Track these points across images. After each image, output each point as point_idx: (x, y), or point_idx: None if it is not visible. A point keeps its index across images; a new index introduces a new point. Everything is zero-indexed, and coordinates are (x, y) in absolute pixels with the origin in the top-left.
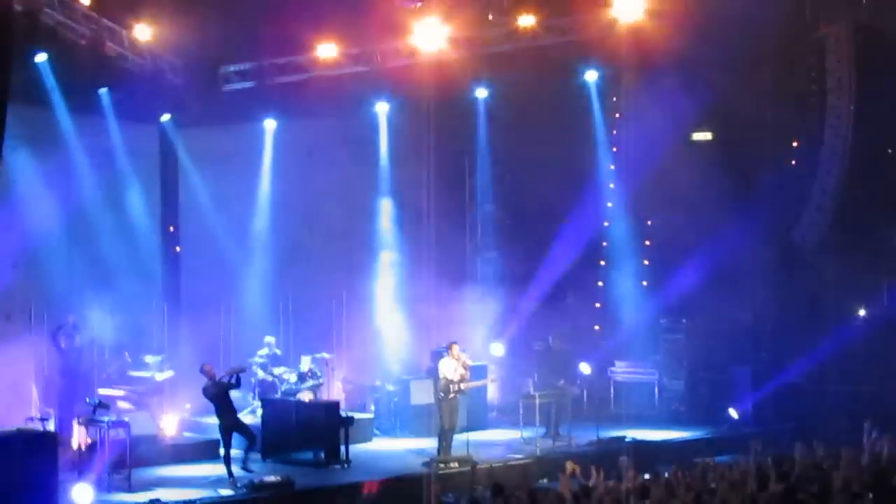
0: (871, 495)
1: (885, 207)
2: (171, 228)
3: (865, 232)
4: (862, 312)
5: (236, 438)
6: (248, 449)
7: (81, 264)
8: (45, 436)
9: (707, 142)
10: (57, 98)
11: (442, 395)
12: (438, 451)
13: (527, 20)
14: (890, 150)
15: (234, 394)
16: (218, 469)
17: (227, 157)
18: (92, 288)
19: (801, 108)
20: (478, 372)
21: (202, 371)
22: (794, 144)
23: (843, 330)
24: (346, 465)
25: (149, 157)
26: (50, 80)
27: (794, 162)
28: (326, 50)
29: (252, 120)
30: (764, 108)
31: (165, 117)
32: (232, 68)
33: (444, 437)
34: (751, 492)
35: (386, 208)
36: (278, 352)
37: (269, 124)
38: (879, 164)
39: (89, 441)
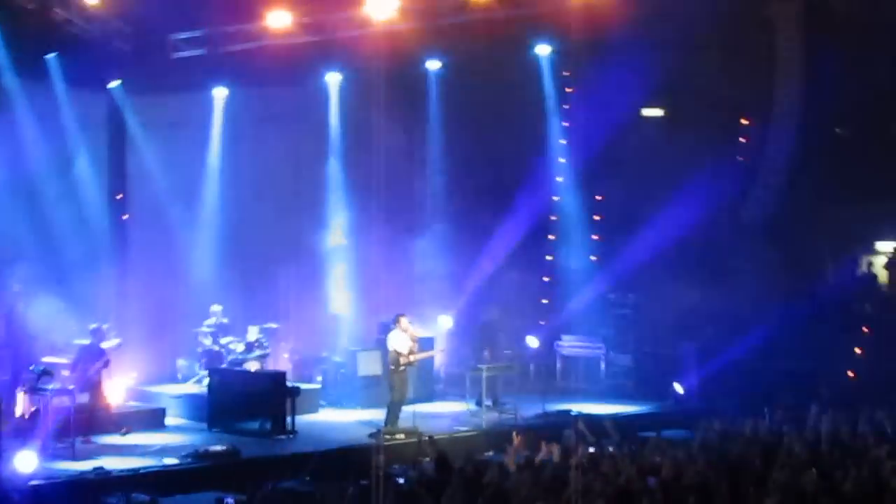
0: (813, 470)
1: (833, 186)
2: (119, 196)
3: (813, 210)
4: (809, 289)
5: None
6: None
7: (26, 231)
8: None
9: (658, 118)
10: (4, 62)
11: (392, 367)
12: (386, 422)
13: None
14: (838, 130)
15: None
16: (164, 438)
17: (176, 124)
18: (37, 254)
19: (752, 85)
20: (426, 344)
21: None
22: (744, 122)
23: (790, 307)
24: (291, 436)
25: (97, 124)
26: None
27: (743, 139)
28: (278, 18)
29: (202, 88)
30: (714, 86)
31: (114, 84)
32: (182, 35)
33: (392, 409)
34: (695, 466)
35: (336, 179)
36: (225, 321)
37: (220, 92)
38: (827, 142)
39: (33, 409)
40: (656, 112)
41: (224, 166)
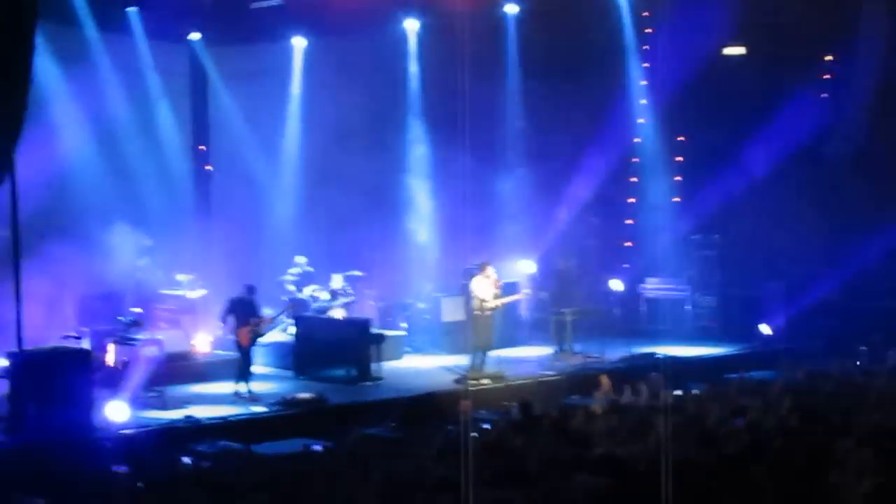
0: None
1: None
2: (202, 147)
3: None
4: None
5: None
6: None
7: (112, 184)
8: (80, 353)
9: (739, 56)
10: (85, 17)
11: (476, 313)
12: (470, 367)
13: None
14: None
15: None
16: (251, 386)
17: (256, 75)
18: (123, 207)
19: (835, 20)
20: (509, 289)
21: None
22: (828, 58)
23: (877, 245)
24: (377, 382)
25: (178, 76)
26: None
27: (827, 76)
28: None
29: (281, 38)
30: (796, 21)
31: (194, 36)
32: None
33: (477, 355)
34: (782, 407)
35: (416, 126)
36: (310, 269)
37: (298, 42)
38: None
39: (123, 359)
40: (738, 50)
41: (304, 115)
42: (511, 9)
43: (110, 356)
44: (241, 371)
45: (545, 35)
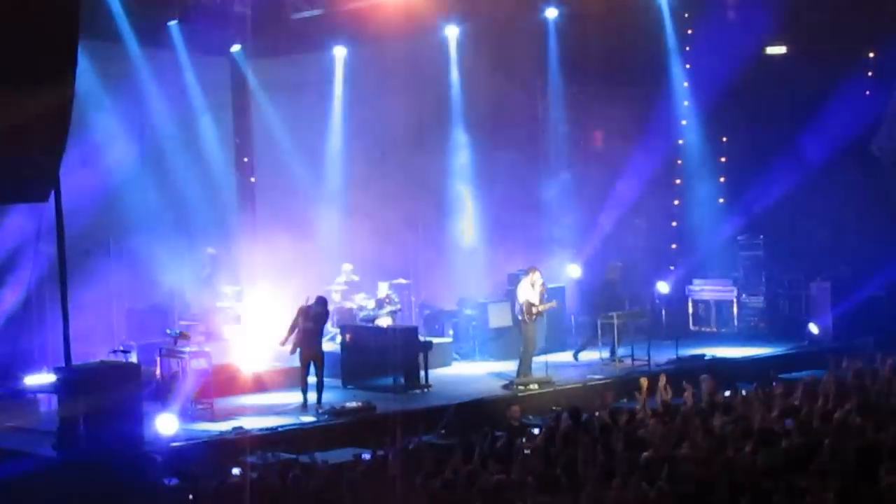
0: None
1: None
2: (245, 159)
3: None
4: None
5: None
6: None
7: (157, 198)
8: (128, 367)
9: (782, 55)
10: (127, 32)
11: (523, 318)
12: (518, 373)
13: None
14: None
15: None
16: (300, 396)
17: (298, 85)
18: (169, 221)
19: (878, 16)
20: (555, 294)
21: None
22: (871, 54)
23: None
24: (425, 390)
25: (221, 88)
26: (119, 14)
27: (870, 73)
28: None
29: (322, 48)
30: (839, 18)
31: (236, 48)
32: None
33: (524, 360)
34: (832, 407)
35: (458, 132)
36: (356, 278)
37: (339, 52)
38: None
39: (172, 372)
40: (780, 49)
41: (347, 125)
42: (551, 13)
43: (159, 369)
44: (315, 383)
45: (586, 39)
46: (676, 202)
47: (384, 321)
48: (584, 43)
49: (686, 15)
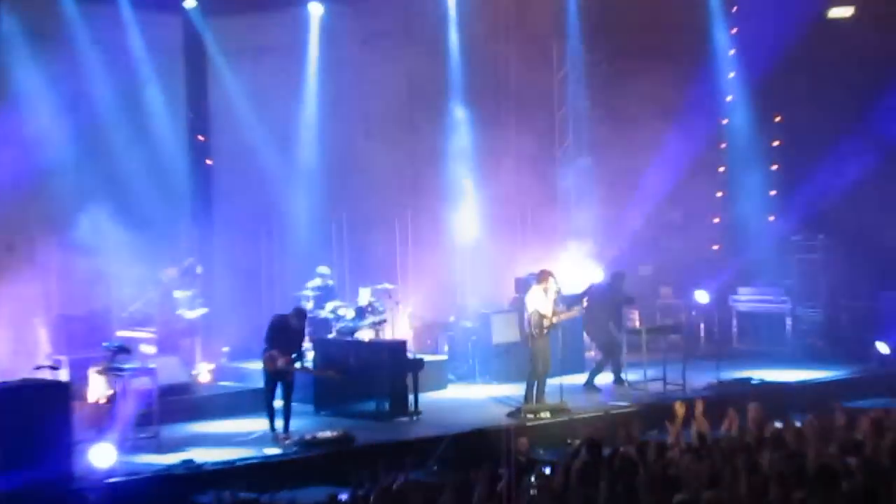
0: None
1: None
2: (201, 138)
3: None
4: None
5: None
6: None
7: (95, 183)
8: (56, 386)
9: (847, 19)
10: None
11: (535, 331)
12: (526, 398)
13: None
14: None
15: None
16: (263, 424)
17: (265, 50)
18: (108, 211)
19: None
20: (572, 302)
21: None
22: None
23: None
24: (415, 418)
25: (172, 52)
26: None
27: None
28: None
29: (293, 4)
30: None
31: (190, 4)
32: None
33: (535, 382)
34: None
35: (457, 108)
36: (332, 282)
37: (314, 8)
38: None
39: (109, 392)
40: (845, 11)
41: (324, 98)
42: None
43: (94, 389)
44: (278, 407)
45: (605, 3)
46: (719, 194)
47: (366, 334)
48: (609, 2)
49: None
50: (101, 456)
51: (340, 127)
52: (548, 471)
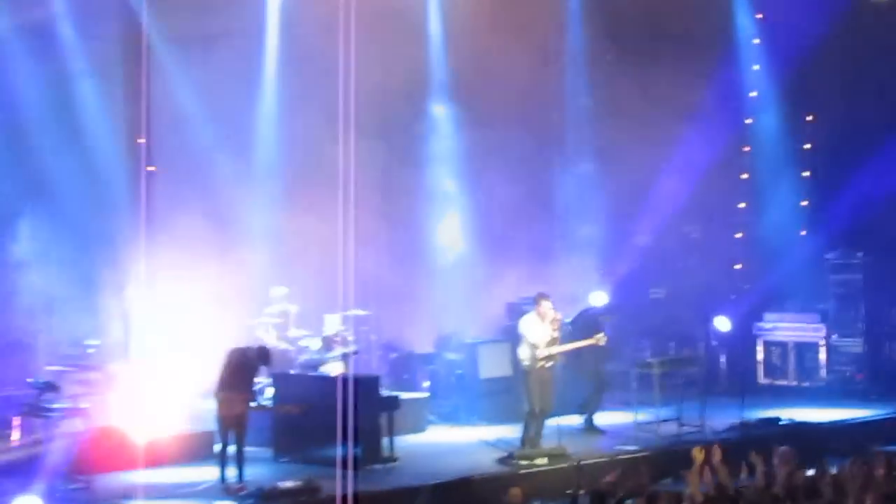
0: None
1: None
2: (141, 140)
3: None
4: None
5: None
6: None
7: (14, 192)
8: None
9: (888, 2)
10: None
11: (528, 365)
12: (522, 442)
13: None
14: None
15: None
16: (214, 472)
17: (216, 38)
18: (30, 222)
19: None
20: (590, 328)
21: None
22: None
23: None
24: (391, 464)
25: (108, 41)
26: None
27: None
28: None
29: None
30: None
31: None
32: None
33: (531, 423)
34: None
35: (437, 105)
36: (293, 308)
37: None
38: None
39: (35, 437)
40: None
41: (283, 94)
42: None
43: (17, 433)
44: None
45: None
46: (742, 205)
47: (334, 368)
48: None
49: None
50: None
51: (303, 127)
52: None
